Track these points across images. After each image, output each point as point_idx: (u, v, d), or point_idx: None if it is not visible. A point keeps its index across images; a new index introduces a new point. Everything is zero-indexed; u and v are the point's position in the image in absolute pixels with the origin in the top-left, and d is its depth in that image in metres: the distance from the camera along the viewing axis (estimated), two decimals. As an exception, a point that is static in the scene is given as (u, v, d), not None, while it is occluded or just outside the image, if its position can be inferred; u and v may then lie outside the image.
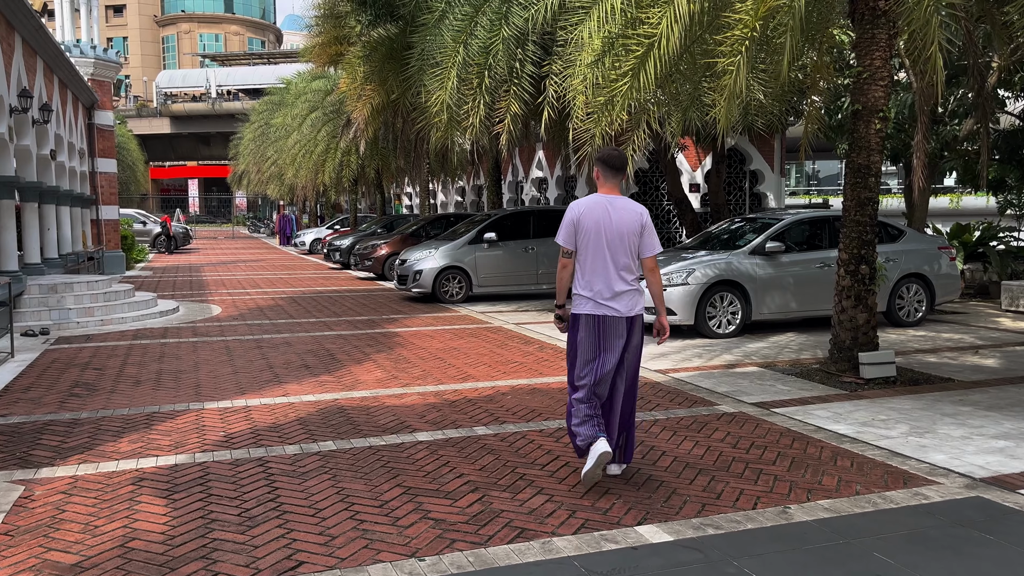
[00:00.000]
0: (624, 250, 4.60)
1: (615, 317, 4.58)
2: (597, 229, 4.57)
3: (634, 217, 4.62)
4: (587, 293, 4.60)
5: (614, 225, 4.57)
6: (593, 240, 4.58)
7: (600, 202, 4.63)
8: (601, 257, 4.58)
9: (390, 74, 15.23)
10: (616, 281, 4.58)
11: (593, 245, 4.58)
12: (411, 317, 12.29)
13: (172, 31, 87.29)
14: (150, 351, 9.22)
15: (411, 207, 37.07)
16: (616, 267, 4.58)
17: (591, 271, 4.59)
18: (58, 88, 15.75)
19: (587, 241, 4.59)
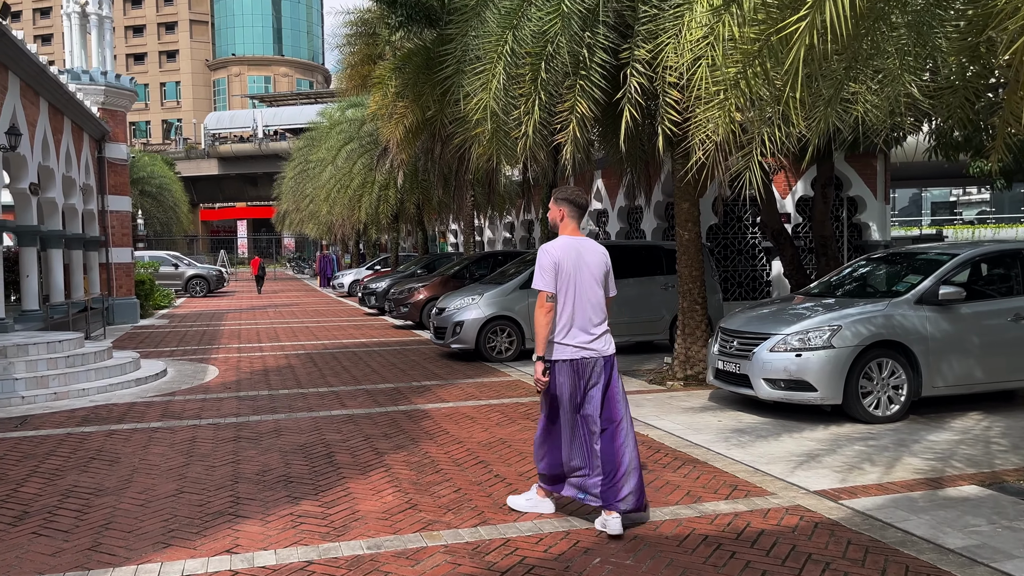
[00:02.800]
0: (596, 292, 4.65)
1: (595, 358, 4.59)
2: (575, 272, 4.54)
3: (601, 259, 4.70)
4: (567, 339, 4.54)
5: (588, 267, 4.59)
6: (572, 284, 4.54)
7: (573, 244, 4.61)
8: (581, 300, 4.56)
9: (425, 87, 12.78)
10: (593, 324, 4.62)
11: (572, 289, 4.54)
12: (448, 385, 9.60)
13: (223, 74, 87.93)
14: (85, 447, 6.67)
15: (456, 245, 34.70)
16: (592, 309, 4.63)
17: (570, 315, 4.55)
18: (48, 113, 13.69)
19: (565, 285, 4.54)
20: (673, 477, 5.56)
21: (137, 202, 46.59)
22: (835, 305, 7.64)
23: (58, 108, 14.50)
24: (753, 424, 7.20)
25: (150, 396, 9.12)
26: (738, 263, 16.78)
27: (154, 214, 48.12)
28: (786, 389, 7.18)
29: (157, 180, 48.76)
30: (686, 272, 9.70)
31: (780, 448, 6.32)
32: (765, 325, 7.63)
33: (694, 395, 8.72)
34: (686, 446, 6.42)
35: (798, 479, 5.47)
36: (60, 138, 14.73)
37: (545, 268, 4.51)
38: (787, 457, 6.04)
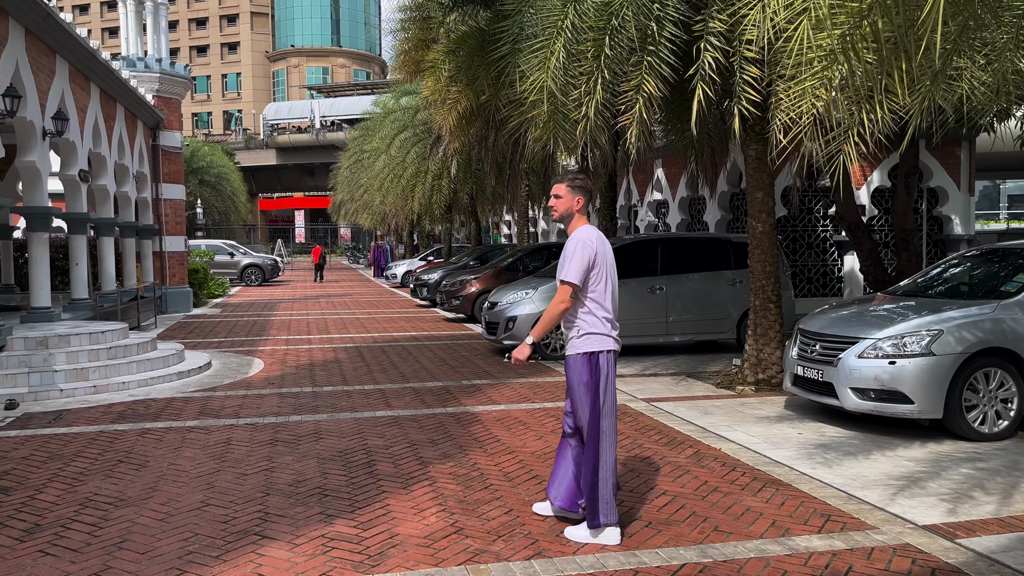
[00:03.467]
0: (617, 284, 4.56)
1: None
2: (609, 262, 4.45)
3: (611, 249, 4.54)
4: (608, 329, 4.36)
5: (612, 259, 4.49)
6: (608, 275, 4.43)
7: (601, 235, 4.47)
8: (612, 291, 4.46)
9: (479, 70, 12.21)
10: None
11: (608, 280, 4.43)
12: (500, 385, 9.03)
13: (282, 66, 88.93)
14: (114, 448, 6.29)
15: (510, 236, 34.14)
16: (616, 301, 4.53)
17: (609, 305, 4.41)
18: (99, 99, 13.52)
19: (603, 275, 4.39)
20: (754, 502, 4.88)
21: (196, 191, 47.27)
22: (931, 307, 6.82)
23: (110, 95, 14.35)
24: (838, 438, 6.45)
25: (190, 391, 8.77)
26: (808, 257, 15.82)
27: (213, 203, 48.71)
28: (877, 400, 6.42)
29: (216, 170, 49.35)
30: (759, 267, 8.94)
31: (874, 469, 5.58)
32: (852, 328, 6.85)
33: (768, 402, 7.97)
34: (765, 463, 5.72)
35: (901, 509, 4.74)
36: (112, 125, 14.59)
37: (584, 258, 4.28)
38: (884, 480, 5.30)
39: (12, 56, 9.41)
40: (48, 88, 10.83)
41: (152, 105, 17.35)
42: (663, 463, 5.76)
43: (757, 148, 8.77)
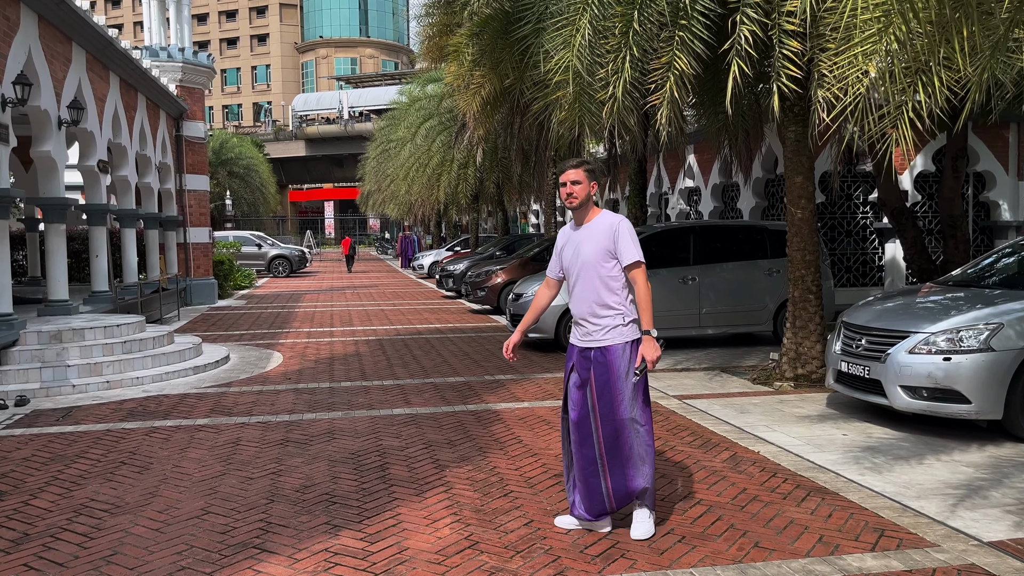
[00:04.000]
0: None
1: None
2: None
3: None
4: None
5: None
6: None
7: None
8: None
9: (503, 53, 11.77)
10: None
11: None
12: (524, 380, 8.65)
13: (311, 57, 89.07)
14: (119, 448, 6.02)
15: (537, 226, 33.72)
16: None
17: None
18: (119, 89, 13.33)
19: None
20: (798, 514, 4.45)
21: (225, 183, 47.45)
22: (986, 299, 6.31)
23: (130, 84, 14.16)
24: (887, 440, 5.98)
25: (205, 386, 8.51)
26: (846, 246, 15.21)
27: (242, 195, 48.90)
28: (930, 400, 5.93)
29: (245, 161, 49.51)
30: (798, 256, 8.44)
31: (928, 476, 5.11)
32: (902, 320, 6.36)
33: (808, 399, 7.50)
34: (809, 468, 5.28)
35: (963, 523, 4.28)
36: (133, 115, 14.41)
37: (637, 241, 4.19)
38: (941, 489, 4.83)
39: (24, 43, 9.20)
40: (64, 76, 10.63)
41: (175, 95, 17.19)
42: (697, 468, 5.34)
43: (796, 130, 8.26)
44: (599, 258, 4.13)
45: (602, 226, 4.16)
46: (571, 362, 4.26)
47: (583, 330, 4.20)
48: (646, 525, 4.18)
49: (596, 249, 4.13)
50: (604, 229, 4.15)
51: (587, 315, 4.16)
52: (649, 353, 4.06)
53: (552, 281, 4.47)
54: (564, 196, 4.25)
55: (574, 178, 4.19)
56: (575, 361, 4.22)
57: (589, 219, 4.23)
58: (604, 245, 4.12)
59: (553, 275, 4.46)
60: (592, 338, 4.14)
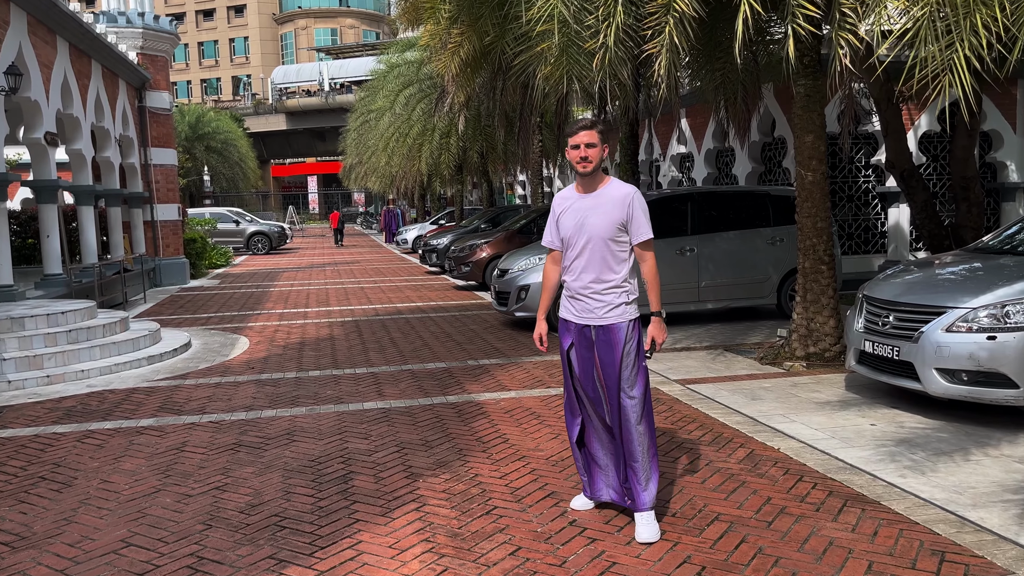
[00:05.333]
0: None
1: None
2: None
3: None
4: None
5: None
6: None
7: None
8: None
9: (483, 8, 10.86)
10: None
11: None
12: (510, 365, 7.89)
13: (290, 28, 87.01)
14: (43, 459, 5.22)
15: (524, 197, 32.84)
16: None
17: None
18: (69, 55, 12.33)
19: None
20: (837, 531, 3.72)
21: (203, 158, 46.21)
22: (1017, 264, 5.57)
23: (82, 50, 13.14)
24: (922, 432, 5.26)
25: (158, 378, 7.70)
26: (847, 211, 14.46)
27: (220, 170, 47.67)
28: (971, 384, 5.21)
29: (223, 136, 48.19)
30: (808, 223, 7.68)
31: (980, 476, 4.39)
32: (935, 294, 5.62)
33: (824, 382, 6.78)
34: (839, 469, 4.55)
35: (1035, 541, 3.56)
36: (87, 84, 13.41)
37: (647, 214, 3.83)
38: (998, 494, 4.12)
39: (-55, 0, 8.23)
40: (1, 41, 9.65)
41: (135, 63, 16.15)
42: (710, 471, 4.60)
43: (807, 83, 7.45)
44: (610, 231, 3.72)
45: (615, 196, 3.75)
46: (569, 338, 3.88)
47: (582, 305, 3.83)
48: (652, 526, 3.71)
49: (607, 220, 3.71)
50: (618, 199, 3.74)
51: (589, 291, 3.80)
52: (659, 336, 3.83)
53: (557, 255, 3.97)
54: (576, 159, 3.76)
55: (588, 140, 3.75)
56: (574, 337, 3.84)
57: (599, 186, 3.78)
58: (616, 217, 3.72)
59: (556, 246, 3.95)
60: (594, 315, 3.80)
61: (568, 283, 3.86)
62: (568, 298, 3.90)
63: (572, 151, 3.76)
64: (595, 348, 3.77)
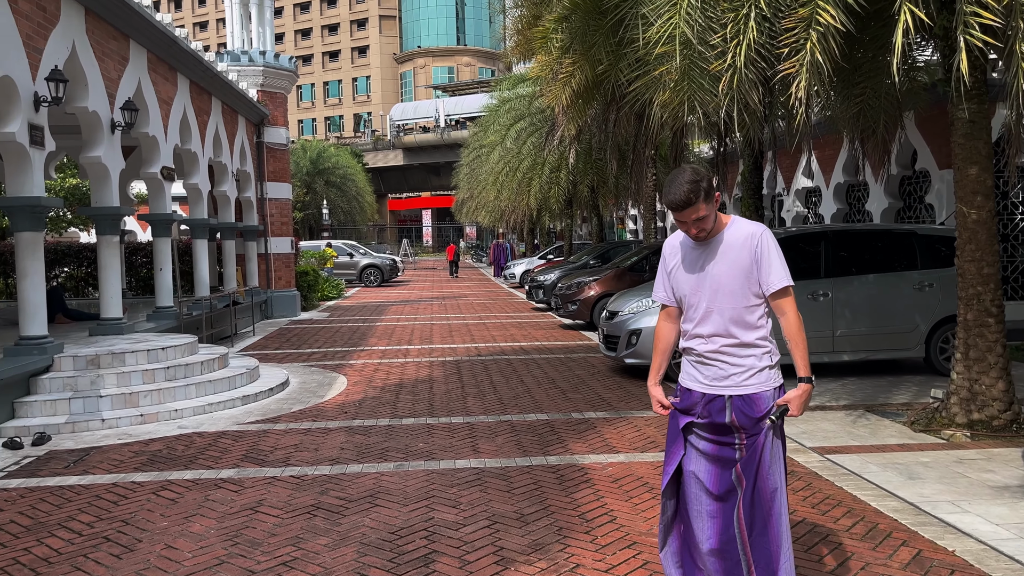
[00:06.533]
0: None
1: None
2: None
3: None
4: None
5: None
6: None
7: None
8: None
9: (596, 36, 10.34)
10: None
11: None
12: (619, 420, 7.14)
13: (409, 67, 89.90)
14: (112, 515, 4.88)
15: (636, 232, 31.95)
16: None
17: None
18: (189, 92, 12.60)
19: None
20: None
21: (322, 192, 47.79)
22: None
23: (202, 87, 13.45)
24: None
25: (249, 421, 7.39)
26: (1001, 253, 12.91)
27: (338, 204, 49.14)
28: None
29: (342, 171, 49.77)
30: (972, 268, 6.61)
31: None
32: None
33: (996, 457, 5.69)
34: (1039, 588, 3.58)
35: None
36: (206, 119, 13.70)
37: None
38: None
39: (66, 37, 8.38)
40: (119, 76, 9.85)
41: (255, 100, 16.52)
42: (839, 536, 3.72)
43: (971, 107, 6.44)
44: (738, 280, 3.05)
45: (739, 237, 3.04)
46: (691, 406, 3.15)
47: (712, 371, 3.14)
48: None
49: (734, 269, 3.03)
50: (743, 242, 3.02)
51: (719, 353, 3.11)
52: (799, 406, 3.07)
53: (672, 310, 3.29)
54: (691, 234, 3.12)
55: (695, 216, 3.04)
56: (699, 410, 3.10)
57: (719, 230, 3.13)
58: (744, 263, 3.02)
59: (670, 303, 3.28)
60: (728, 383, 3.10)
61: (693, 347, 3.16)
62: (693, 363, 3.20)
63: (680, 223, 3.09)
64: (728, 421, 3.05)
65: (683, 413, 3.17)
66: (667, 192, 3.05)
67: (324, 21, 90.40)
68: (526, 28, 16.64)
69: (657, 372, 3.38)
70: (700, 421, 3.11)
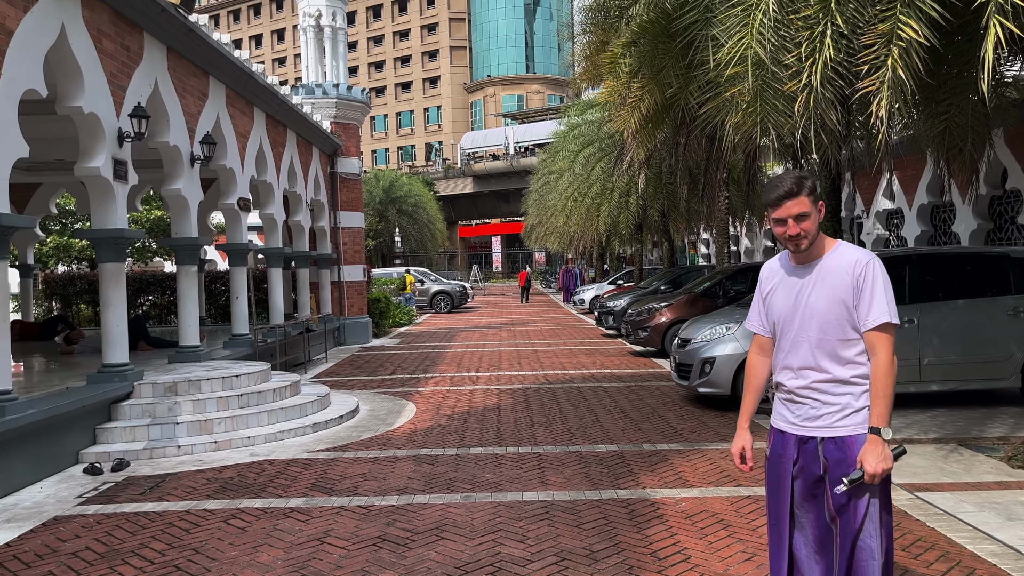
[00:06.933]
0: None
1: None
2: None
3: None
4: None
5: None
6: None
7: None
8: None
9: (665, 59, 10.20)
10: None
11: None
12: (692, 453, 6.90)
13: (479, 96, 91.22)
14: (183, 543, 4.92)
15: (708, 256, 31.37)
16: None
17: None
18: (265, 125, 12.98)
19: None
20: None
21: (395, 220, 48.65)
22: None
23: (278, 120, 13.84)
24: None
25: (319, 448, 7.43)
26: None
27: (410, 231, 49.92)
28: None
29: (413, 199, 50.64)
30: (1074, 293, 6.18)
31: None
32: None
33: (1108, 499, 5.25)
34: None
35: None
36: (281, 151, 14.08)
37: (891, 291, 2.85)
38: None
39: (149, 75, 8.72)
40: (199, 111, 10.20)
41: (328, 132, 16.92)
42: (967, 632, 3.43)
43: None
44: (838, 311, 2.84)
45: (842, 264, 2.82)
46: (784, 453, 2.91)
47: (802, 410, 2.92)
48: None
49: (830, 296, 2.83)
50: (846, 269, 2.80)
51: (814, 391, 2.88)
52: (875, 462, 2.70)
53: (765, 341, 3.09)
54: (785, 238, 2.87)
55: (798, 209, 2.81)
56: (791, 452, 2.89)
57: (820, 253, 2.90)
58: (845, 292, 2.83)
59: (763, 331, 3.07)
60: (820, 424, 2.87)
61: (783, 382, 2.95)
62: (784, 401, 2.99)
63: (778, 227, 2.87)
64: (824, 470, 2.82)
65: (776, 462, 2.95)
66: (770, 188, 2.86)
67: (396, 53, 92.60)
68: (594, 54, 16.61)
69: (748, 413, 3.13)
70: (797, 478, 2.87)
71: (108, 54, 7.84)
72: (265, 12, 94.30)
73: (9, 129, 6.31)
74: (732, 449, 3.08)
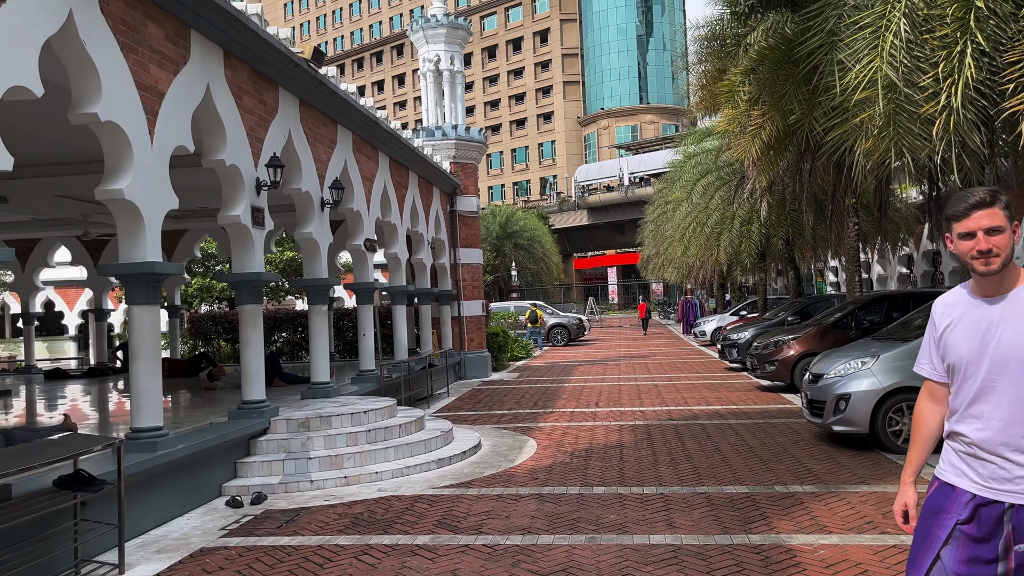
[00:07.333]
0: None
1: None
2: None
3: None
4: None
5: None
6: None
7: None
8: None
9: (786, 85, 9.96)
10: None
11: None
12: (828, 496, 6.54)
13: (592, 128, 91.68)
14: (321, 574, 5.08)
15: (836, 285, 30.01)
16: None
17: None
18: (389, 168, 13.48)
19: None
20: None
21: (511, 255, 49.28)
22: None
23: (400, 162, 14.36)
24: None
25: (444, 485, 7.53)
26: None
27: (526, 265, 50.42)
28: None
29: (529, 233, 51.20)
30: None
31: None
32: None
33: None
34: None
35: None
36: (404, 193, 14.57)
37: None
38: None
39: (283, 127, 9.26)
40: (328, 158, 10.72)
41: (448, 172, 17.40)
42: None
43: None
44: None
45: None
46: (953, 516, 2.54)
47: (992, 469, 2.53)
48: None
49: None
50: None
51: (1004, 446, 2.51)
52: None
53: (936, 388, 2.74)
54: (971, 254, 2.51)
55: (990, 222, 2.46)
56: (958, 511, 2.55)
57: (1014, 284, 2.53)
58: None
59: (936, 376, 2.73)
60: (1011, 487, 2.48)
61: (962, 432, 2.60)
62: (961, 453, 2.62)
63: (963, 242, 2.51)
64: (1010, 542, 2.47)
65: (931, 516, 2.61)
66: (956, 200, 2.53)
67: (511, 91, 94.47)
68: (710, 83, 16.37)
69: (914, 467, 2.78)
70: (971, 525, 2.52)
71: (247, 109, 8.39)
72: (387, 59, 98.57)
73: (162, 184, 6.84)
74: (895, 507, 2.79)
